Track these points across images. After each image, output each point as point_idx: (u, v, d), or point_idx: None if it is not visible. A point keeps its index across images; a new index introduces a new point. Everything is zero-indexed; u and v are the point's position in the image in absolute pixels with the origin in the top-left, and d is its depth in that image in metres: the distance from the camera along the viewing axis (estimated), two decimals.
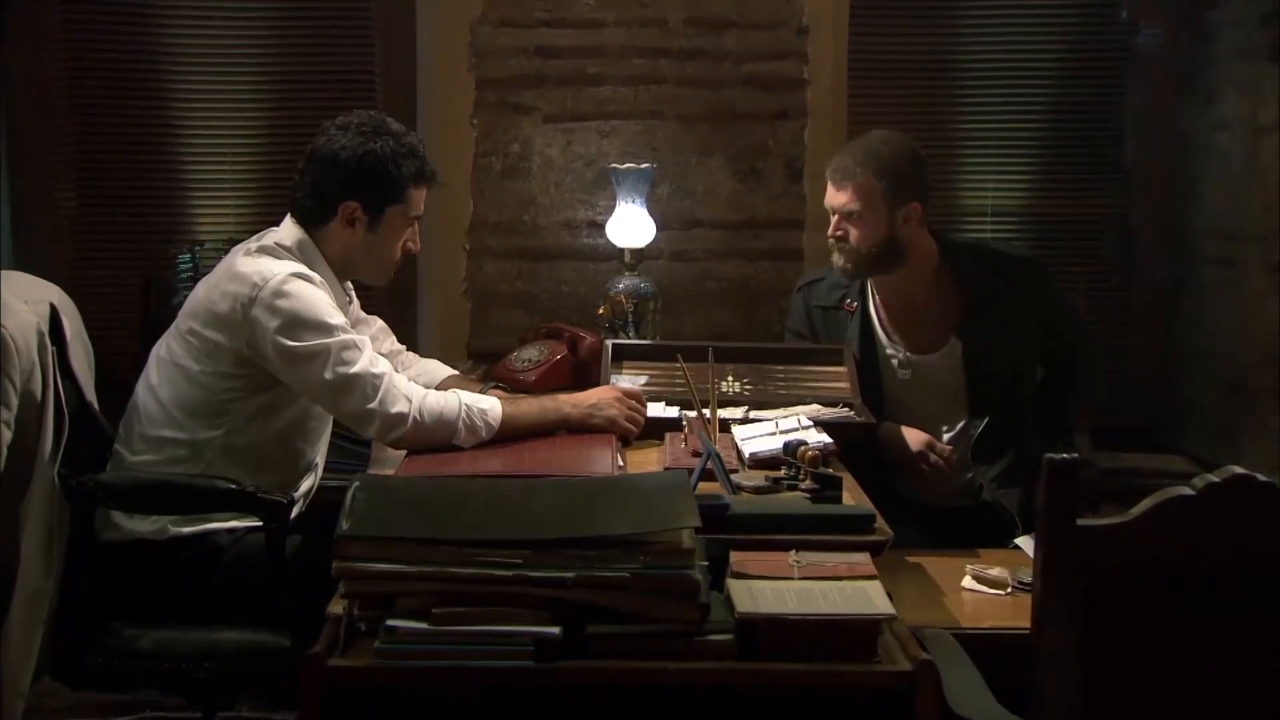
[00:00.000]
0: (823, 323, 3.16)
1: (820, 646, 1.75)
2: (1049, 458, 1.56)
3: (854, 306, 3.12)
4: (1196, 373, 4.02)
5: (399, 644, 1.75)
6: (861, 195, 2.97)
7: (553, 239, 3.81)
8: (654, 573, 1.76)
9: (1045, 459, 1.57)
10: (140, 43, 3.92)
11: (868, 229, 2.98)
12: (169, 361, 2.57)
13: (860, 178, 2.96)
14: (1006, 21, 4.02)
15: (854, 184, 2.97)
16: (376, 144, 2.59)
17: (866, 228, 2.98)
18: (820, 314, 3.17)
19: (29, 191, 3.87)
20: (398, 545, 1.79)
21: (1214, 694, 1.62)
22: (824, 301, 3.18)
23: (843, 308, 3.14)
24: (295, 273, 2.51)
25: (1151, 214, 4.10)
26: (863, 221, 2.98)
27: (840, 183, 2.99)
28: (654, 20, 3.75)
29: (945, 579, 2.50)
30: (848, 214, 2.99)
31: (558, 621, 1.75)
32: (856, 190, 2.97)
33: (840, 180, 2.99)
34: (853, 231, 2.99)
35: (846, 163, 2.99)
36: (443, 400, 2.51)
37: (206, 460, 2.52)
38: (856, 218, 2.98)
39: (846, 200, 2.98)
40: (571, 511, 1.87)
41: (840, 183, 2.99)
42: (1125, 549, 1.54)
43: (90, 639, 2.43)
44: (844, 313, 3.14)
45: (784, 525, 2.04)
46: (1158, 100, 4.05)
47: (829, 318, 3.16)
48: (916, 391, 3.10)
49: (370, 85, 3.95)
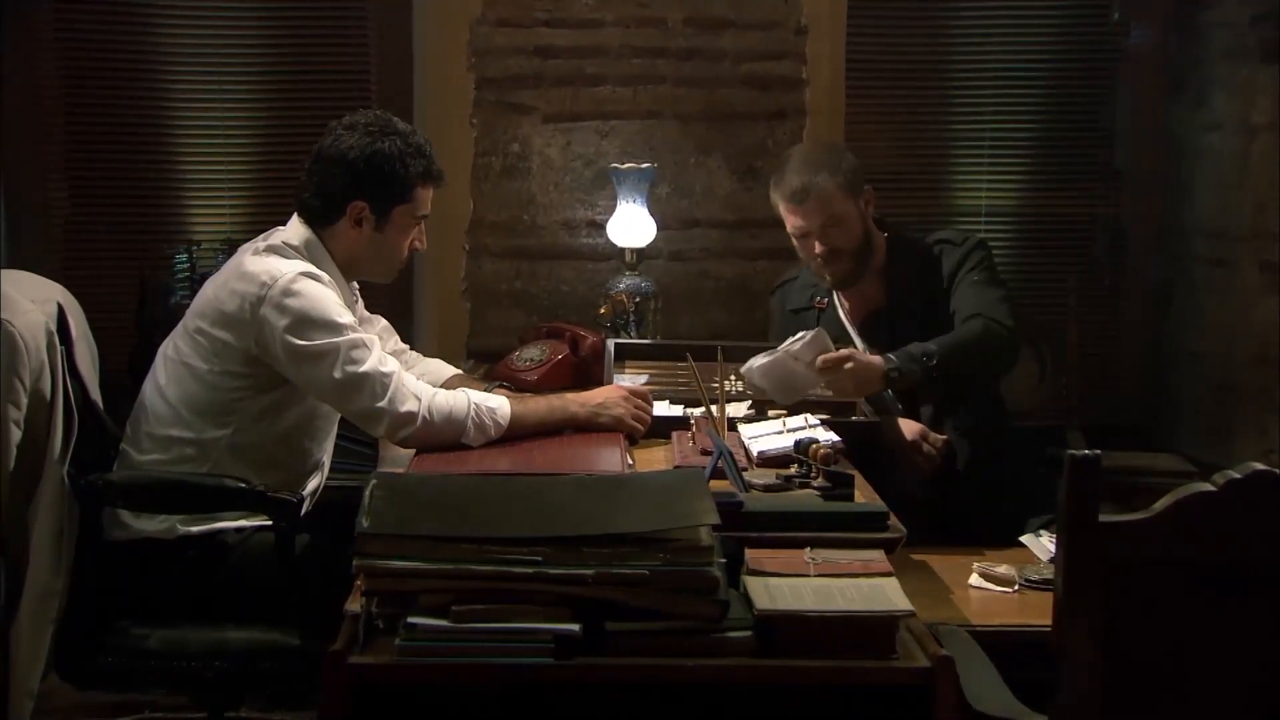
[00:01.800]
0: (799, 323, 3.16)
1: (839, 643, 1.76)
2: (1070, 454, 1.57)
3: (824, 304, 3.16)
4: (1188, 372, 4.05)
5: (420, 641, 1.75)
6: (826, 201, 2.99)
7: (552, 239, 3.82)
8: (673, 570, 1.76)
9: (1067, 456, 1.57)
10: (134, 42, 3.91)
11: (846, 228, 3.01)
12: (176, 361, 2.56)
13: (817, 187, 2.98)
14: (1000, 22, 4.04)
15: (816, 195, 2.99)
16: (384, 144, 2.59)
17: (845, 228, 3.01)
18: (793, 317, 3.20)
19: (22, 191, 3.86)
20: (417, 542, 1.78)
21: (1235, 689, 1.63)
22: (796, 304, 3.22)
23: (813, 305, 3.17)
24: (304, 272, 2.51)
25: (1143, 214, 4.13)
26: (840, 224, 3.01)
27: (802, 202, 3.00)
28: (652, 20, 3.76)
29: (952, 576, 2.52)
30: (823, 226, 3.00)
31: (577, 619, 1.75)
32: (819, 200, 2.99)
33: (800, 200, 2.99)
34: (835, 239, 3.01)
35: (795, 183, 2.99)
36: (452, 399, 2.51)
37: (214, 459, 2.52)
38: (833, 224, 3.00)
39: (816, 213, 2.99)
40: (588, 509, 1.87)
41: (802, 202, 3.00)
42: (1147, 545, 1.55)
43: (98, 638, 2.43)
44: (814, 310, 3.17)
45: (798, 523, 2.05)
46: (1149, 101, 4.08)
47: (804, 317, 3.18)
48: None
49: (366, 84, 3.95)
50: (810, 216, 3.00)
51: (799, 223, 3.03)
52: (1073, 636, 1.58)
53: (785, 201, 3.02)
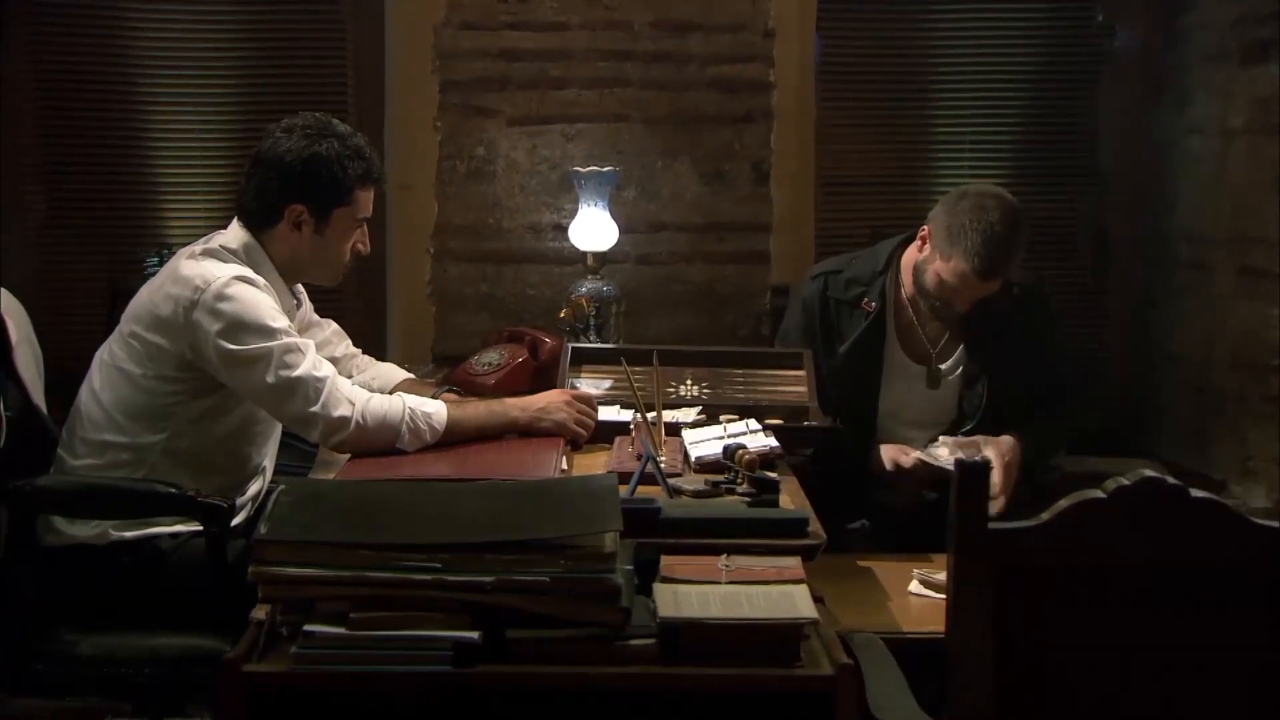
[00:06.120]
0: (836, 315, 3.15)
1: (741, 651, 1.74)
2: (959, 461, 1.54)
3: (873, 307, 3.11)
4: (1168, 376, 4.00)
5: (316, 649, 1.74)
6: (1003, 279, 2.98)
7: (518, 242, 3.80)
8: (574, 576, 1.74)
9: (956, 461, 1.55)
10: (110, 46, 3.90)
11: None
12: (111, 365, 2.56)
13: (1007, 271, 2.96)
14: (980, 24, 4.00)
15: (1001, 277, 2.96)
16: (321, 146, 2.58)
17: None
18: (835, 306, 3.15)
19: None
20: (316, 549, 1.77)
21: (1125, 694, 1.62)
22: (842, 295, 3.16)
23: (860, 305, 3.13)
24: (238, 276, 2.49)
25: (1126, 217, 4.08)
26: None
27: (986, 279, 2.93)
28: (618, 23, 3.74)
29: (893, 583, 2.49)
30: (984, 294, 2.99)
31: (479, 626, 1.74)
32: (1000, 279, 2.96)
33: (987, 277, 2.92)
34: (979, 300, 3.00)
35: (992, 262, 2.90)
36: (386, 404, 2.50)
37: (150, 464, 2.51)
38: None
39: (991, 288, 2.97)
40: (497, 515, 1.85)
41: (986, 279, 2.93)
42: (1036, 551, 1.53)
43: (31, 645, 2.42)
44: (860, 310, 3.13)
45: (716, 529, 2.02)
46: (1132, 104, 4.03)
47: (843, 311, 3.14)
48: (914, 398, 3.12)
49: (342, 89, 3.93)
50: (984, 290, 2.97)
51: (968, 290, 2.96)
52: (963, 643, 1.56)
53: (970, 270, 2.91)
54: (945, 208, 2.98)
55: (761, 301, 3.82)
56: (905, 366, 3.13)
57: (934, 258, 2.97)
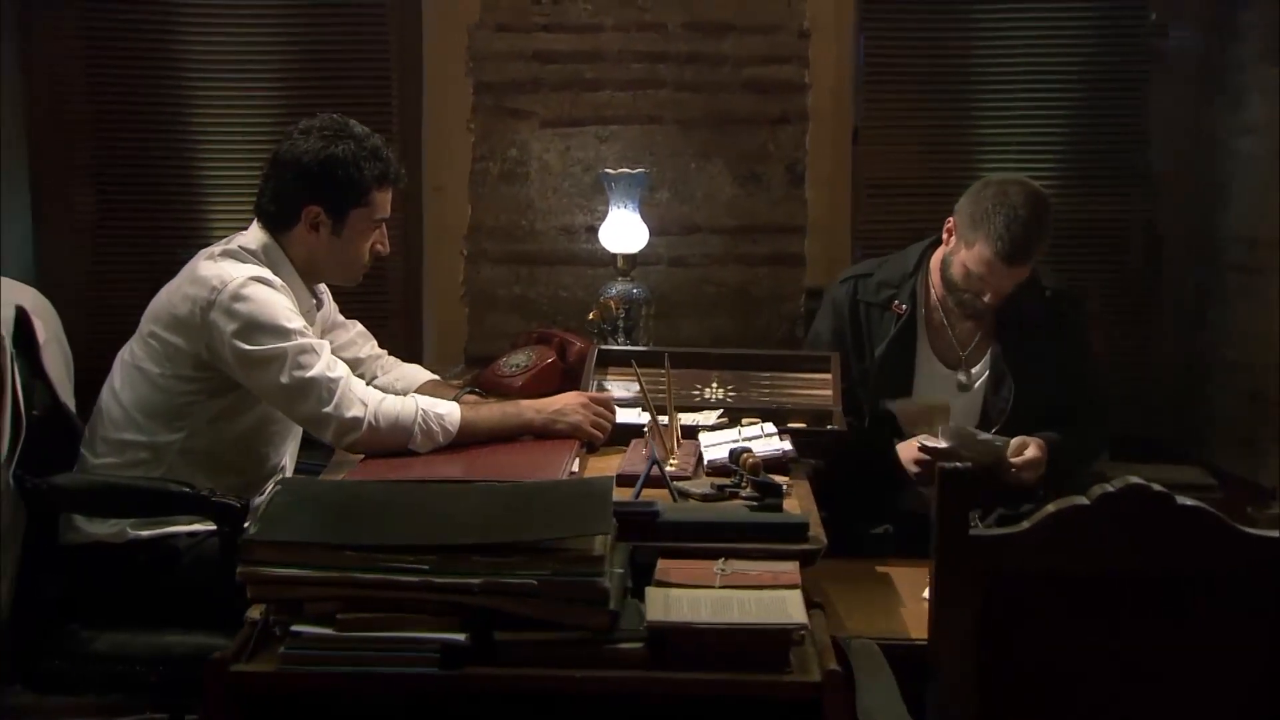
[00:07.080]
0: (866, 318, 3.12)
1: (729, 656, 1.72)
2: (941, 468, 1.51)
3: (904, 309, 3.07)
4: (1220, 382, 3.91)
5: (304, 649, 1.74)
6: (1030, 265, 2.95)
7: (550, 244, 3.79)
8: (562, 579, 1.74)
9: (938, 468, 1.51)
10: (160, 48, 3.94)
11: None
12: (131, 364, 2.59)
13: (1034, 256, 2.92)
14: (1028, 24, 3.92)
15: (1028, 262, 2.92)
16: (338, 147, 2.59)
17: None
18: (865, 309, 3.12)
19: (50, 197, 3.93)
20: (304, 549, 1.77)
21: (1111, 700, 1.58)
22: (872, 298, 3.12)
23: (891, 308, 3.09)
24: (255, 276, 2.51)
25: (1178, 219, 3.99)
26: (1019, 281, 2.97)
27: (1013, 264, 2.90)
28: (652, 25, 3.72)
29: (908, 589, 2.45)
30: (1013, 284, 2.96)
31: (467, 628, 1.73)
32: (1028, 265, 2.93)
33: (1013, 263, 2.89)
34: (1007, 292, 2.97)
35: (1018, 244, 2.86)
36: (399, 405, 2.50)
37: (167, 464, 2.53)
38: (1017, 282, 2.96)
39: (1020, 275, 2.94)
40: (487, 517, 1.85)
41: (1013, 264, 2.90)
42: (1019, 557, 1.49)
43: (47, 641, 2.44)
44: (890, 313, 3.09)
45: (714, 532, 2.00)
46: (1185, 104, 3.94)
47: (873, 314, 3.11)
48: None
49: (386, 92, 3.94)
50: (1013, 277, 2.93)
51: (994, 278, 2.92)
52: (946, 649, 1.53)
53: (994, 255, 2.88)
54: (969, 197, 2.95)
55: (795, 304, 3.78)
56: (936, 370, 3.08)
57: (959, 248, 2.94)
